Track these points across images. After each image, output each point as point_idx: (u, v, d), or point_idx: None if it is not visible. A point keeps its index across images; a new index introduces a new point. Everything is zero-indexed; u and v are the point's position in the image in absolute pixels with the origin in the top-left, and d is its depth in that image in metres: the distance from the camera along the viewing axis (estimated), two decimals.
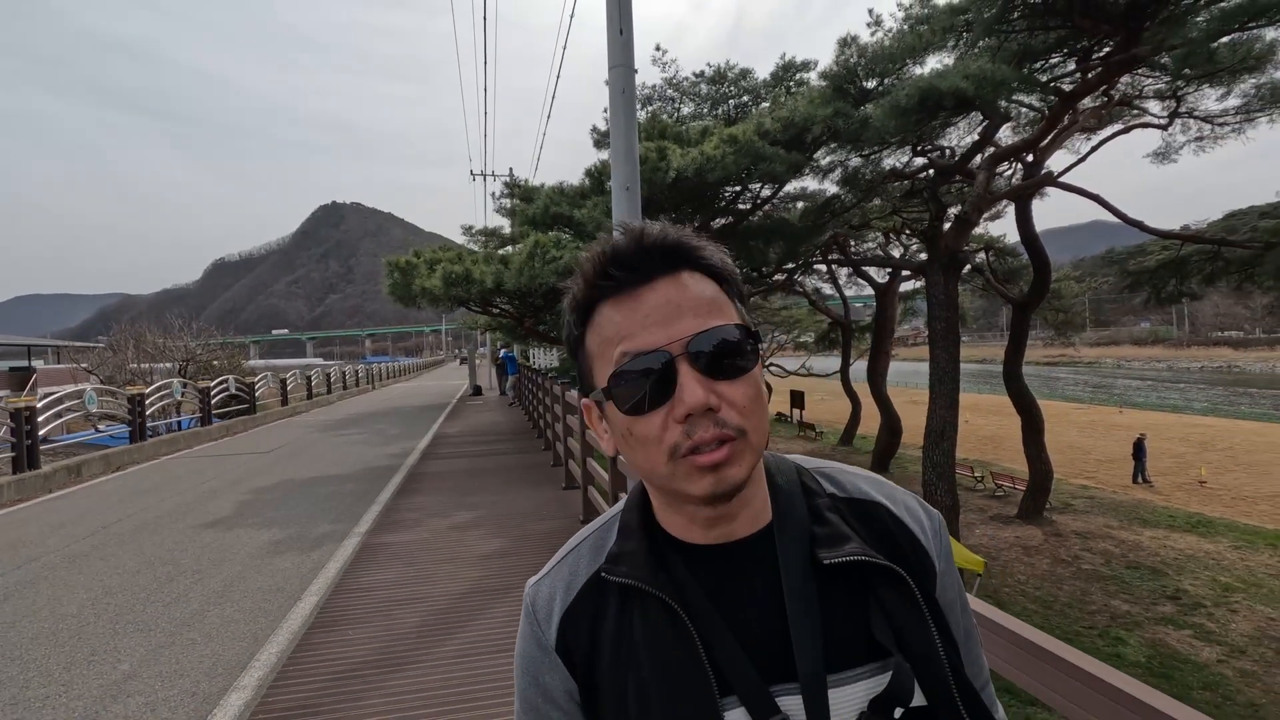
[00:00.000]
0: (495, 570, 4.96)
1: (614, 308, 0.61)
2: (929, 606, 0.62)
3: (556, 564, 0.71)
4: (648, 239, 0.60)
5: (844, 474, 0.72)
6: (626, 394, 0.59)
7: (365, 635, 3.92)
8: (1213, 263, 10.89)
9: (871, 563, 0.61)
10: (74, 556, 5.98)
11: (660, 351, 0.57)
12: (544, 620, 0.67)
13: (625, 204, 6.30)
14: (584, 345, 0.64)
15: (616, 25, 6.76)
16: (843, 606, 0.61)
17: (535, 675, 0.67)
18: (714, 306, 0.60)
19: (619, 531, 0.69)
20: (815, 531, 0.64)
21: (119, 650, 4.02)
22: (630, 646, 0.63)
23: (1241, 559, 12.83)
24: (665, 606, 0.61)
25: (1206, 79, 10.63)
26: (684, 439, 0.57)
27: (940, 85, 7.30)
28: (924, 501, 0.70)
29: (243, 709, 3.25)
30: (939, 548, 0.68)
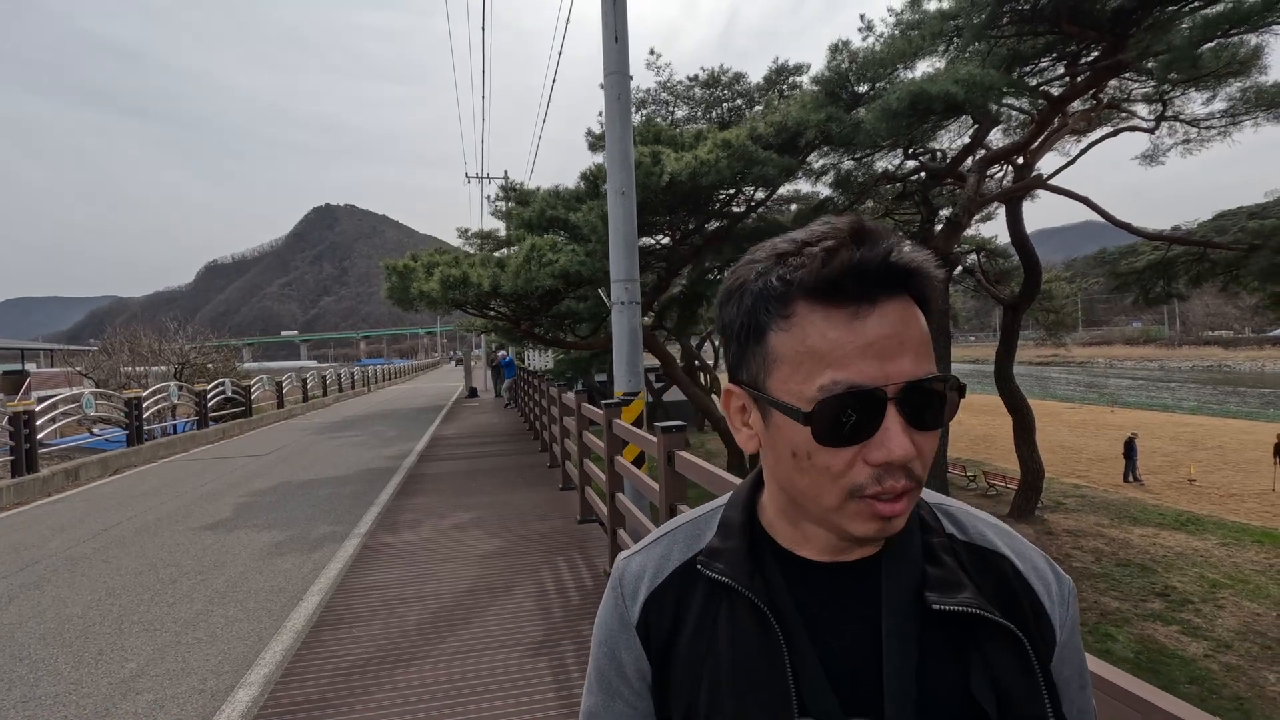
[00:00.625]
0: (495, 569, 5.06)
1: (827, 320, 0.54)
2: (1044, 676, 0.58)
3: (650, 543, 0.71)
4: (897, 257, 0.54)
5: (968, 516, 0.67)
6: (825, 422, 0.54)
7: (370, 633, 4.00)
8: (1199, 264, 11.08)
9: (985, 617, 0.57)
10: (76, 559, 6.04)
11: (876, 393, 0.53)
12: (629, 596, 0.67)
13: (620, 208, 6.43)
14: (766, 339, 0.57)
15: (612, 33, 6.89)
16: (942, 656, 0.58)
17: (612, 648, 0.67)
18: (928, 348, 0.56)
19: (720, 527, 0.67)
20: (928, 571, 0.60)
21: (125, 650, 4.09)
22: (711, 641, 0.62)
23: (1229, 556, 13.01)
24: (756, 611, 0.60)
25: (1192, 83, 10.82)
26: (871, 483, 0.54)
27: (930, 90, 7.43)
28: (1055, 564, 0.66)
29: (250, 705, 3.33)
30: (1064, 617, 0.63)
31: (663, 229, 12.59)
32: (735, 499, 0.69)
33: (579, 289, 10.07)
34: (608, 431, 4.75)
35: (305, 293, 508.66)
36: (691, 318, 15.32)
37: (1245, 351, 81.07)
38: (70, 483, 9.73)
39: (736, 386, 0.62)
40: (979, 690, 0.56)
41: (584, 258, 9.18)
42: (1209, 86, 11.24)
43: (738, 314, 0.59)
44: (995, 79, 7.79)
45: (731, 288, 0.60)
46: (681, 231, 12.80)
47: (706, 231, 12.53)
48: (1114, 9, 9.59)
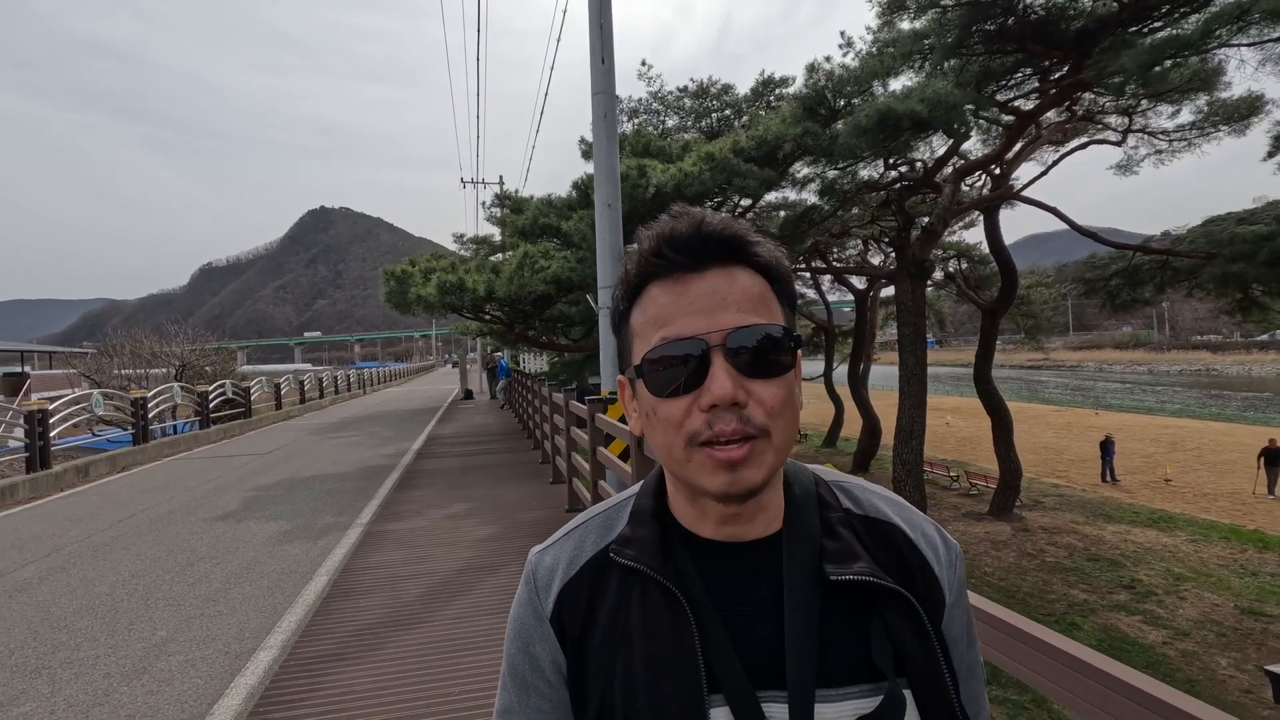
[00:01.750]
0: (489, 552, 5.52)
1: (661, 289, 0.61)
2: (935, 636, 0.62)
3: (563, 536, 0.72)
4: (707, 227, 0.60)
5: (863, 491, 0.71)
6: (657, 375, 0.59)
7: (376, 603, 4.46)
8: (1163, 272, 11.62)
9: (879, 584, 0.61)
10: (97, 546, 6.46)
11: (697, 339, 0.58)
12: (543, 589, 0.68)
13: (607, 220, 6.90)
14: (628, 323, 0.64)
15: (599, 55, 7.38)
16: (843, 624, 0.61)
17: (526, 643, 0.67)
18: (760, 303, 0.60)
19: (631, 516, 0.69)
20: (825, 545, 0.63)
21: (154, 621, 4.53)
22: (625, 629, 0.63)
23: (1196, 551, 13.53)
24: (668, 594, 0.62)
25: (1157, 98, 11.38)
26: (705, 428, 0.57)
27: (898, 108, 7.94)
28: (944, 531, 0.70)
29: (271, 663, 3.78)
30: (952, 579, 0.67)
31: None
32: (645, 487, 0.71)
33: (570, 294, 10.54)
34: (591, 425, 5.23)
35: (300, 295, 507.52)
36: None
37: (1233, 355, 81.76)
38: (81, 479, 10.13)
39: (621, 376, 0.67)
40: (878, 653, 0.59)
41: (575, 264, 9.65)
42: (1174, 101, 11.82)
43: (613, 311, 0.67)
44: (959, 97, 8.30)
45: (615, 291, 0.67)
46: None
47: None
48: (1077, 30, 10.15)
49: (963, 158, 14.04)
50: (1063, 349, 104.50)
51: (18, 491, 8.80)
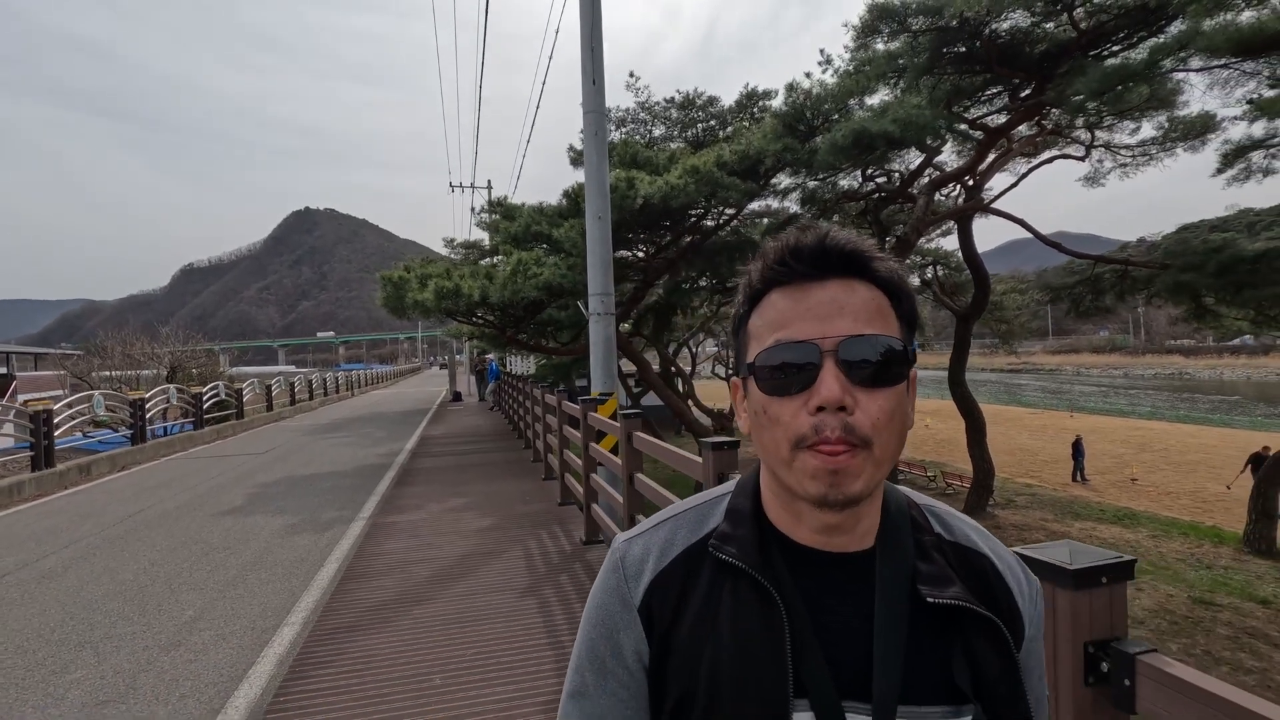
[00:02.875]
0: (489, 540, 5.96)
1: (782, 295, 0.63)
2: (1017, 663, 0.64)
3: (654, 526, 0.72)
4: (831, 240, 0.62)
5: (953, 518, 0.72)
6: (769, 375, 0.62)
7: (387, 584, 4.89)
8: (1122, 281, 12.27)
9: (972, 610, 0.62)
10: (112, 539, 6.81)
11: (810, 343, 0.60)
12: (632, 578, 0.68)
13: (597, 231, 7.37)
14: (746, 325, 0.66)
15: (590, 76, 7.87)
16: (929, 645, 0.62)
17: (610, 629, 0.68)
18: (875, 316, 0.62)
19: (728, 515, 0.70)
20: (919, 567, 0.65)
21: (180, 603, 4.92)
22: (714, 624, 0.64)
23: (1156, 546, 14.21)
24: (763, 594, 0.63)
25: (1119, 116, 12.05)
26: (811, 432, 0.59)
27: (871, 128, 8.47)
28: (1026, 566, 0.71)
29: (295, 637, 4.18)
30: (1033, 613, 0.68)
31: (639, 244, 13.56)
32: (743, 487, 0.72)
33: (561, 299, 10.98)
34: (583, 422, 5.68)
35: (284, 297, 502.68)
36: (666, 325, 16.29)
37: (1205, 360, 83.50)
38: (83, 477, 10.41)
39: (735, 377, 0.69)
40: (959, 675, 0.61)
41: (565, 271, 10.10)
42: (1134, 118, 12.50)
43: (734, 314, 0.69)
44: (928, 118, 8.86)
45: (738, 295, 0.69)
46: (656, 246, 13.78)
47: (680, 246, 13.52)
48: (1040, 53, 10.77)
49: (938, 169, 14.65)
50: (1041, 353, 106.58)
51: (24, 489, 9.09)
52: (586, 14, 7.58)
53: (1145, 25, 9.72)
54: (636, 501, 4.26)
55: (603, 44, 7.81)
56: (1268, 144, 10.68)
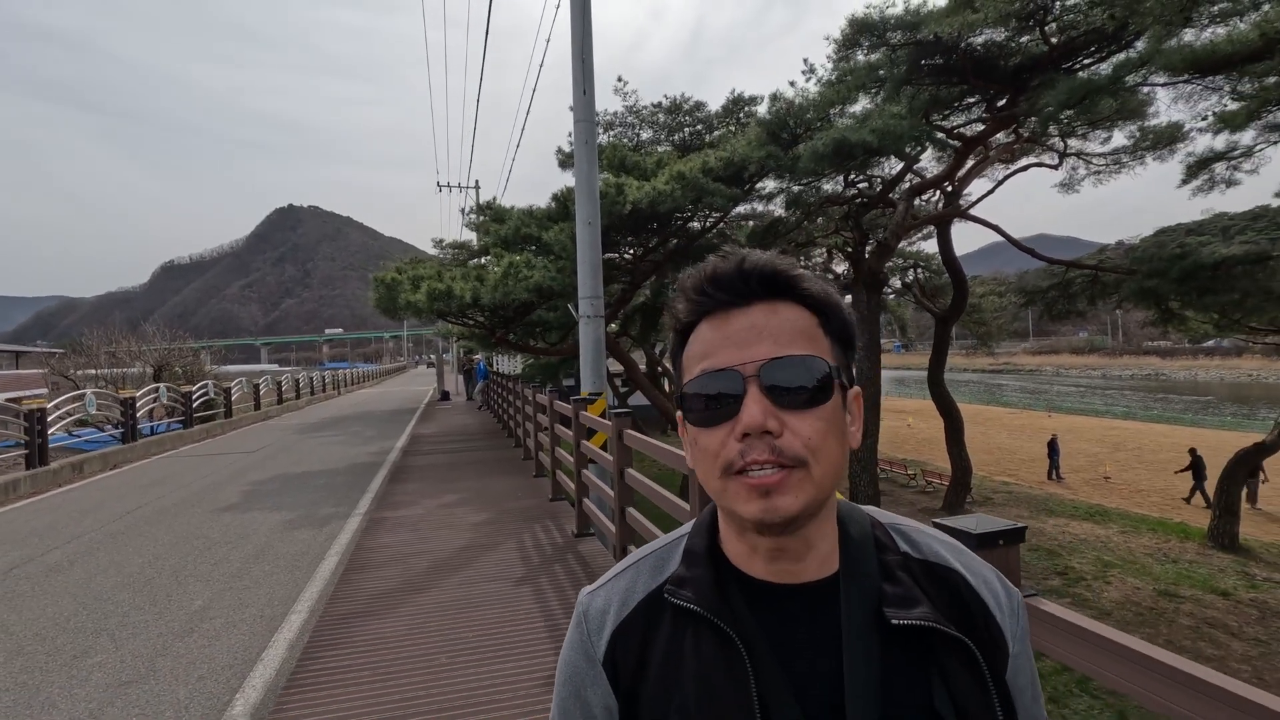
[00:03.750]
0: (484, 533, 6.21)
1: (708, 326, 0.63)
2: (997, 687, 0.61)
3: (615, 576, 0.72)
4: (748, 264, 0.61)
5: (921, 534, 0.70)
6: (696, 406, 0.62)
7: (389, 574, 5.13)
8: (1093, 286, 12.74)
9: (941, 630, 0.60)
10: (114, 534, 6.98)
11: (732, 371, 0.60)
12: (595, 632, 0.68)
13: (587, 236, 7.64)
14: (680, 360, 0.66)
15: (580, 86, 8.14)
16: (902, 669, 0.60)
17: (577, 687, 0.67)
18: (800, 336, 0.61)
19: (684, 556, 0.68)
20: (884, 589, 0.63)
21: (188, 593, 5.13)
22: (678, 671, 0.62)
23: (1125, 541, 14.73)
24: (723, 636, 0.61)
25: (1091, 125, 12.51)
26: (738, 457, 0.58)
27: (851, 138, 8.82)
28: (1004, 578, 0.68)
29: (304, 624, 4.42)
30: (1015, 628, 0.65)
31: (626, 247, 13.85)
32: (699, 526, 0.71)
33: (550, 301, 11.24)
34: (575, 420, 5.96)
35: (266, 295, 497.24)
36: (653, 326, 16.58)
37: (1181, 361, 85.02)
38: (76, 475, 10.51)
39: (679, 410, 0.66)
40: (940, 702, 0.59)
41: (555, 273, 10.36)
42: (1106, 128, 12.98)
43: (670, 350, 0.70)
44: (904, 128, 9.22)
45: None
46: (644, 248, 14.07)
47: (667, 248, 13.81)
48: (1014, 66, 11.18)
49: (918, 175, 15.08)
50: (1022, 354, 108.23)
51: (20, 487, 9.20)
52: (577, 27, 7.84)
53: (1114, 41, 10.16)
54: (627, 495, 4.54)
55: (593, 56, 8.08)
56: (1229, 156, 11.17)
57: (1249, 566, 13.06)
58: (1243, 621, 10.52)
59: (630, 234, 11.92)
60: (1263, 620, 10.52)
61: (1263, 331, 13.23)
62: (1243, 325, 12.56)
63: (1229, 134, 10.87)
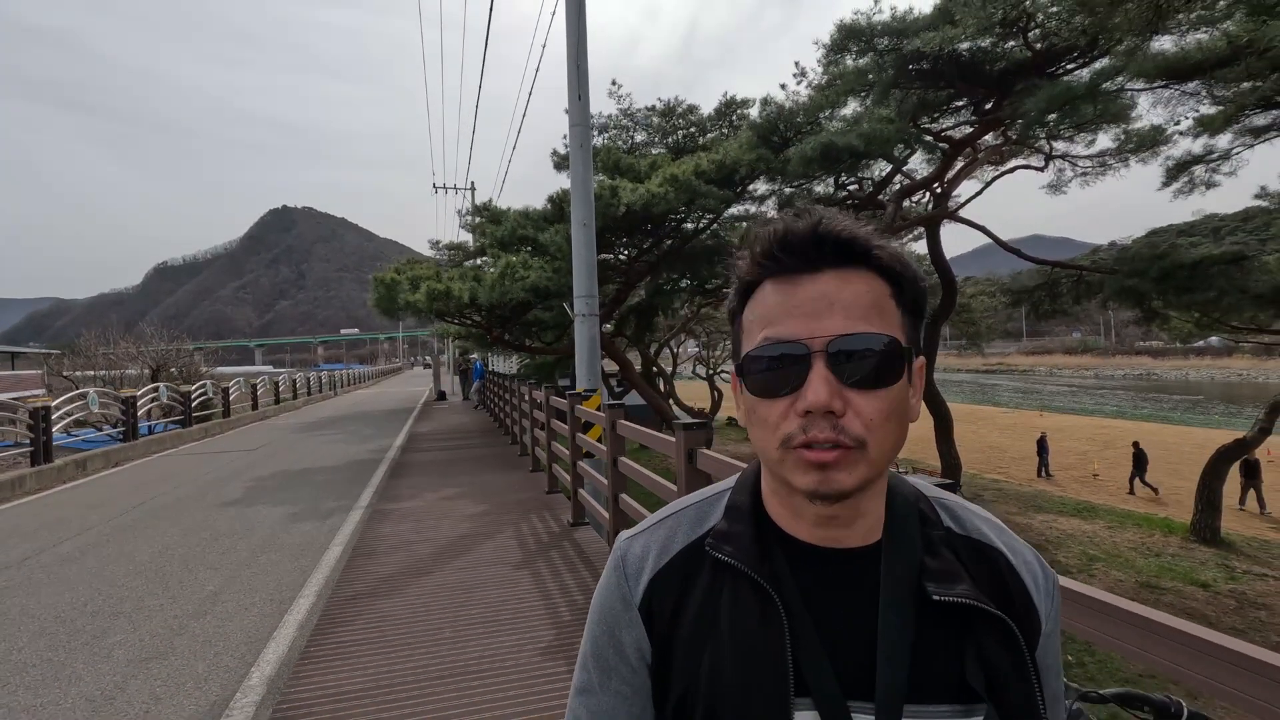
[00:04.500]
0: (483, 523, 6.44)
1: (773, 288, 0.61)
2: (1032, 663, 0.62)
3: (655, 524, 0.72)
4: (823, 227, 0.59)
5: (965, 510, 0.70)
6: (757, 375, 0.60)
7: (394, 560, 5.36)
8: (1078, 285, 13.04)
9: (980, 608, 0.60)
10: (122, 527, 7.17)
11: (798, 343, 0.58)
12: (633, 576, 0.68)
13: (582, 237, 7.88)
14: (741, 316, 0.64)
15: (576, 92, 8.37)
16: (937, 642, 0.61)
17: (612, 627, 0.68)
18: (872, 310, 0.59)
19: (727, 511, 0.69)
20: (925, 562, 0.63)
21: (200, 580, 5.34)
22: (714, 623, 0.63)
23: (1110, 536, 15.02)
24: (762, 593, 0.62)
25: (1077, 129, 12.80)
26: (799, 433, 0.58)
27: (838, 141, 9.08)
28: (1043, 559, 0.69)
29: (313, 605, 4.63)
30: (1049, 608, 0.66)
31: (621, 248, 14.09)
32: (742, 482, 0.71)
33: (547, 301, 11.47)
34: (570, 414, 6.19)
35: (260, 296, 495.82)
36: (648, 326, 16.83)
37: (1172, 361, 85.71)
38: (80, 472, 10.68)
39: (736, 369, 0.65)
40: (973, 675, 0.59)
41: (551, 274, 10.59)
42: (1090, 132, 13.28)
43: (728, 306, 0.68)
44: (890, 132, 9.49)
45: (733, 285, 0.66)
46: (639, 249, 14.32)
47: (661, 249, 14.06)
48: (999, 71, 11.46)
49: (908, 177, 15.36)
50: (1016, 354, 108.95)
51: (25, 483, 9.37)
52: (573, 34, 8.07)
53: (1095, 47, 10.44)
54: (620, 482, 4.77)
55: (588, 62, 8.31)
56: (1207, 159, 11.48)
57: (1230, 560, 13.35)
58: (1220, 611, 10.80)
59: (625, 235, 12.16)
60: (1240, 610, 10.81)
61: (1244, 330, 13.55)
62: (1223, 324, 12.86)
63: (1208, 137, 11.21)
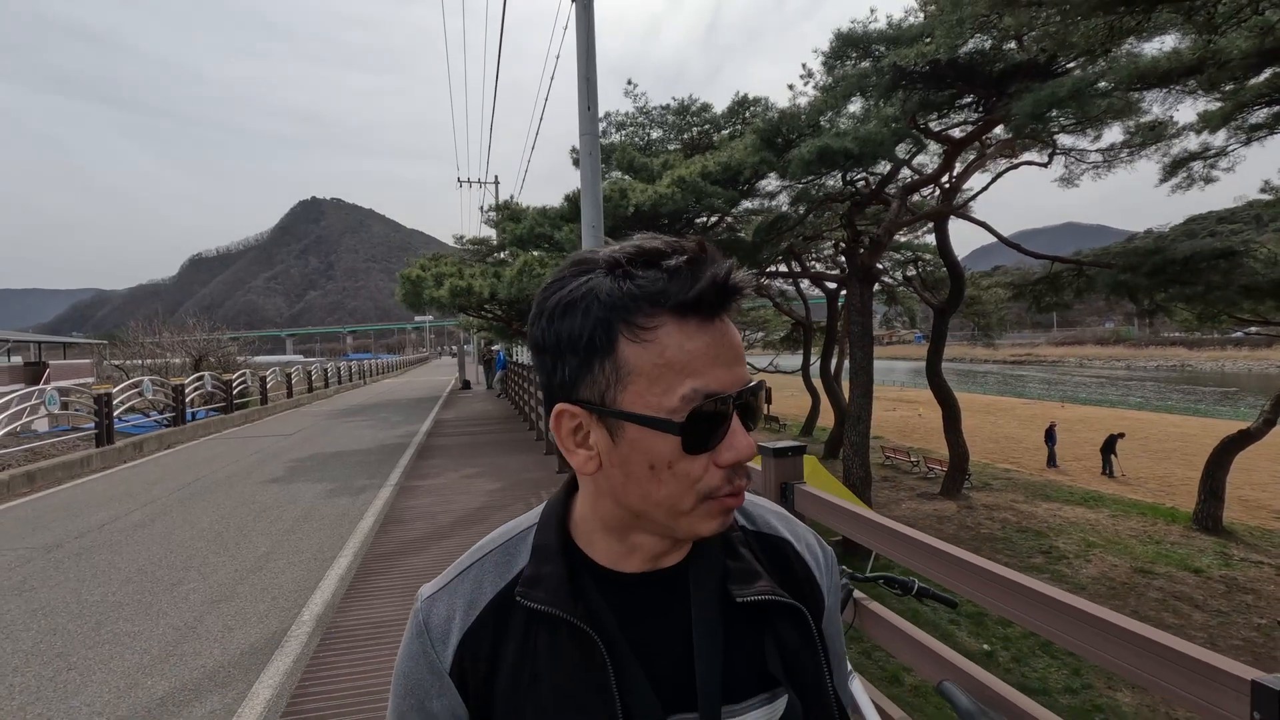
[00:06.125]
0: (499, 497, 7.22)
1: (683, 331, 0.56)
2: (820, 639, 0.66)
3: (457, 577, 0.68)
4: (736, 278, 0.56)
5: (756, 507, 0.74)
6: (696, 431, 0.56)
7: (419, 527, 6.14)
8: (1079, 279, 13.35)
9: (777, 601, 0.64)
10: (182, 499, 8.08)
11: (729, 396, 0.56)
12: (439, 641, 0.64)
13: (591, 239, 8.54)
14: (617, 352, 0.56)
15: (585, 102, 9.01)
16: (743, 639, 0.64)
17: (421, 699, 0.65)
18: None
19: (534, 553, 0.66)
20: (728, 565, 0.65)
21: (253, 543, 6.17)
22: (533, 674, 0.62)
23: (1113, 524, 15.36)
24: (582, 637, 0.60)
25: (1078, 126, 13.10)
26: (724, 484, 0.57)
27: (834, 145, 9.58)
28: (820, 538, 0.74)
29: (351, 562, 5.41)
30: (830, 583, 0.72)
31: None
32: (547, 520, 0.68)
33: None
34: None
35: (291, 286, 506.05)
36: None
37: (1208, 352, 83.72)
38: (137, 453, 11.71)
39: (572, 405, 0.59)
40: (773, 664, 0.63)
41: None
42: (1095, 127, 13.55)
43: (582, 327, 0.57)
44: (885, 135, 9.96)
45: (569, 300, 0.58)
46: None
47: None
48: (999, 71, 11.83)
49: (917, 172, 15.73)
50: (1046, 345, 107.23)
51: (91, 462, 10.38)
52: (582, 49, 8.70)
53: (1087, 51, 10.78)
54: None
55: (596, 74, 8.92)
56: (1205, 155, 11.75)
57: (1228, 547, 13.64)
58: (1208, 595, 11.19)
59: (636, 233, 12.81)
60: (1228, 595, 11.18)
61: (1248, 322, 13.76)
62: (1223, 316, 13.10)
63: (1209, 133, 11.48)
